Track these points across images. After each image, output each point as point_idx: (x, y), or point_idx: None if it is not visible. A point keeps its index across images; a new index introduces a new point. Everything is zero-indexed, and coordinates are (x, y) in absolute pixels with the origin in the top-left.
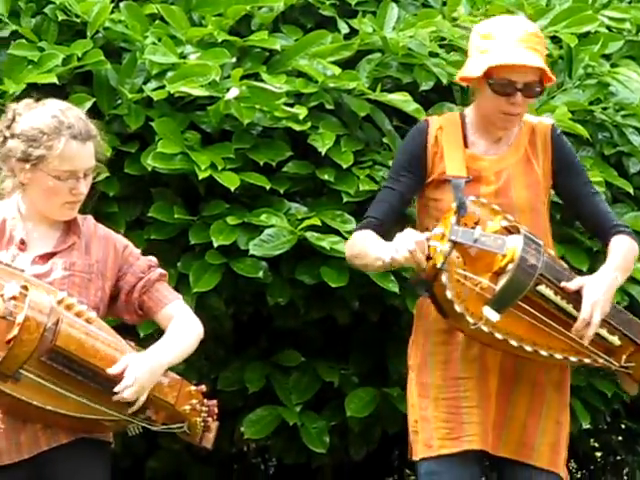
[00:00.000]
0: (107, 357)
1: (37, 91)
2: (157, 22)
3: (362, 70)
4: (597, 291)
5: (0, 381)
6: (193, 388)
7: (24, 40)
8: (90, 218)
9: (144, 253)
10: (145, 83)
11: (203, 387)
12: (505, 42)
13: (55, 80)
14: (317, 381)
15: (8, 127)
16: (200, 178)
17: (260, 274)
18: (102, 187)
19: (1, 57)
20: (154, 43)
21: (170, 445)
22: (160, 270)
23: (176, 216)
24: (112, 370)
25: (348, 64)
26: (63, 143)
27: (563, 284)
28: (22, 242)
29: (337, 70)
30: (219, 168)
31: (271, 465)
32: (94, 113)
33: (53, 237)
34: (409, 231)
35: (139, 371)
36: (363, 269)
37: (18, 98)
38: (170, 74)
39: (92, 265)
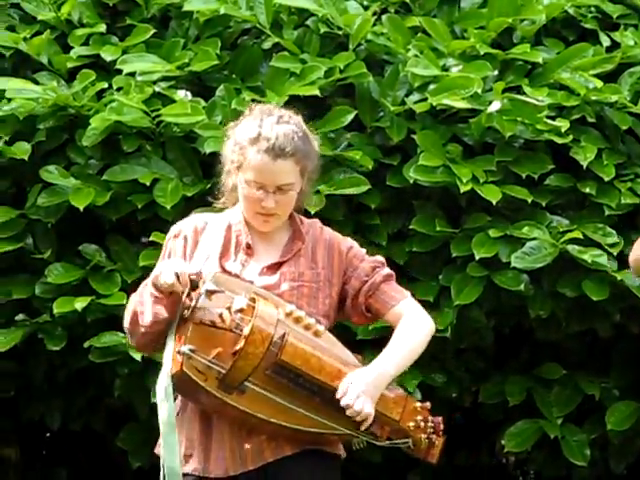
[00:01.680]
0: (333, 372)
1: (299, 103)
2: (419, 35)
3: (624, 83)
4: None
5: (225, 393)
6: (419, 404)
7: (286, 52)
8: (316, 222)
9: (406, 265)
10: (407, 95)
11: (428, 404)
12: None
13: (317, 92)
14: (578, 394)
15: (235, 126)
16: (462, 191)
17: (522, 287)
18: (364, 199)
19: (263, 69)
20: (416, 55)
21: None
22: (386, 271)
23: (438, 229)
24: (338, 394)
25: (610, 77)
26: (253, 154)
27: None
28: (248, 246)
29: (599, 83)
30: (481, 181)
31: (530, 478)
32: (356, 125)
33: (279, 245)
34: None
35: (362, 387)
36: None
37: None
38: (432, 86)
39: (319, 273)
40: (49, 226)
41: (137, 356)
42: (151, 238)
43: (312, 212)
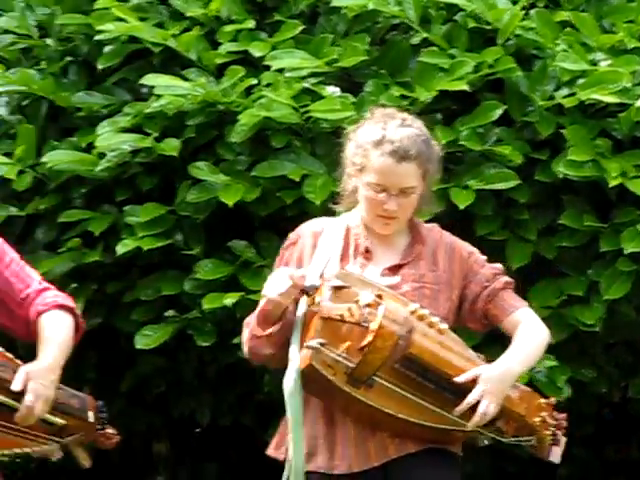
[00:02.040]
0: (460, 368)
1: (448, 98)
2: (568, 29)
3: None
4: None
5: (353, 387)
6: (543, 400)
7: (435, 47)
8: (435, 227)
9: (555, 260)
10: (556, 90)
11: (553, 399)
12: None
13: (466, 87)
14: None
15: (357, 129)
16: (611, 185)
17: None
18: (513, 194)
19: (412, 64)
20: (565, 50)
21: (580, 452)
22: (506, 278)
23: (586, 223)
24: (459, 378)
25: None
26: (377, 156)
27: None
28: (367, 251)
29: None
30: (630, 175)
31: None
32: (505, 120)
33: (398, 248)
34: None
35: (489, 383)
36: None
37: (429, 105)
38: (581, 81)
39: (440, 276)
40: (198, 222)
41: None
42: None
43: (461, 207)
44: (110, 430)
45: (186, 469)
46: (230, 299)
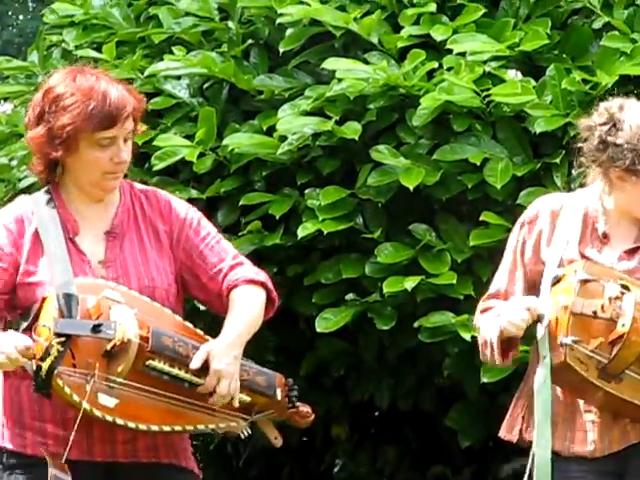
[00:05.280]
0: None
1: (629, 83)
2: None
3: None
4: None
5: (604, 382)
6: None
7: (616, 32)
8: None
9: None
10: None
11: None
12: None
13: None
14: None
15: (609, 133)
16: None
17: None
18: None
19: (594, 49)
20: None
21: None
22: None
23: None
24: None
25: None
26: None
27: None
28: (605, 236)
29: None
30: None
31: None
32: None
33: (632, 230)
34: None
35: None
36: None
37: (609, 90)
38: None
39: None
40: (379, 205)
41: (467, 336)
42: (481, 218)
43: None
44: (304, 408)
45: (365, 452)
46: (411, 282)
